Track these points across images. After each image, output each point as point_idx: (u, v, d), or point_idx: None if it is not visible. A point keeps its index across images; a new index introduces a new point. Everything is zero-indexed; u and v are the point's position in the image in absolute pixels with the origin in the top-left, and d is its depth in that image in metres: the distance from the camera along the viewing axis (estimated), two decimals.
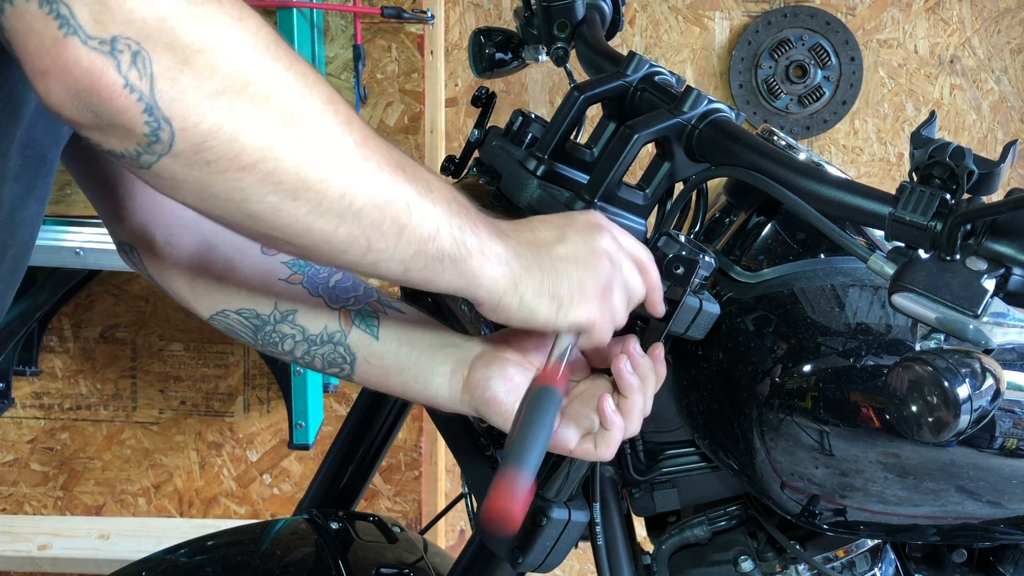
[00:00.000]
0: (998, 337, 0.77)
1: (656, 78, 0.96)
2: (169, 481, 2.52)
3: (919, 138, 0.76)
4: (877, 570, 1.04)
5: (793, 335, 0.90)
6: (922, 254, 0.75)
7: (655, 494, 1.02)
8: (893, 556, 1.08)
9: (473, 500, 1.15)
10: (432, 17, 2.21)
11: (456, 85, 2.34)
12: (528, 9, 1.16)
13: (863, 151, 2.38)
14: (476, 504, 0.97)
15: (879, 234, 0.86)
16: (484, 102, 1.14)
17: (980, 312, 0.70)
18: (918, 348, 0.75)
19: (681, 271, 0.84)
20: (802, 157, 0.90)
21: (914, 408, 0.72)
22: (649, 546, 1.06)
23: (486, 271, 0.74)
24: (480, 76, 1.23)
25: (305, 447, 2.19)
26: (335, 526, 1.14)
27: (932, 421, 0.71)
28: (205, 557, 1.10)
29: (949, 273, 0.72)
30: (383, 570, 1.08)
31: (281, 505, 2.51)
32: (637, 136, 0.86)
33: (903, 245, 0.76)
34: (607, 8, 1.18)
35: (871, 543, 1.04)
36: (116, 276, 2.39)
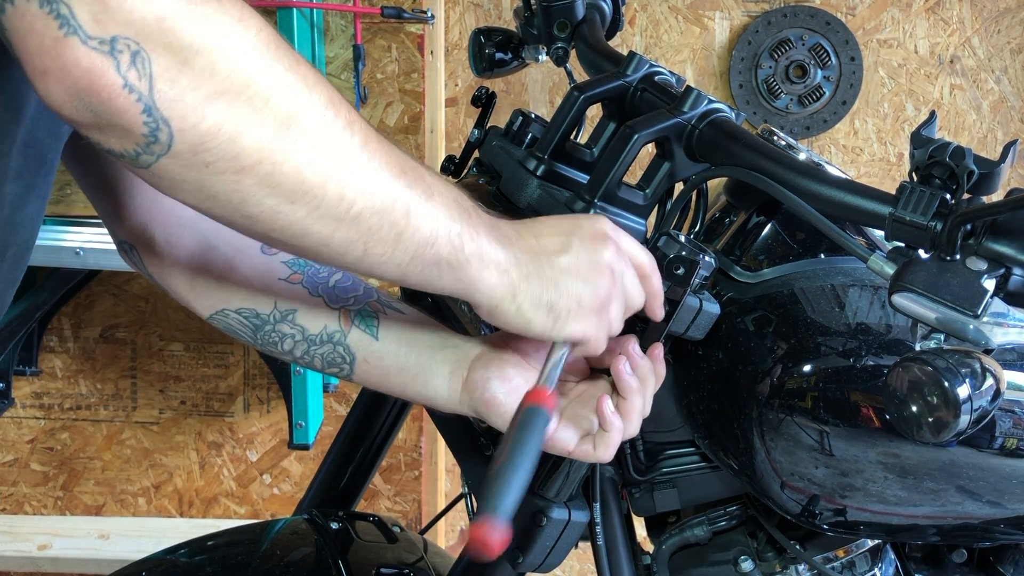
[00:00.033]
0: (998, 337, 0.77)
1: (656, 78, 0.96)
2: (169, 481, 2.52)
3: (919, 138, 0.76)
4: (877, 570, 1.04)
5: (793, 335, 0.90)
6: (922, 254, 0.75)
7: (655, 494, 1.02)
8: (893, 556, 1.08)
9: (473, 500, 1.14)
10: (432, 17, 2.21)
11: (456, 85, 2.34)
12: (528, 9, 1.16)
13: (863, 151, 2.38)
14: (476, 504, 0.96)
15: (879, 234, 0.86)
16: (484, 102, 1.14)
17: (980, 312, 0.70)
18: (918, 348, 0.75)
19: (681, 271, 0.84)
20: (802, 157, 0.90)
21: (914, 408, 0.72)
22: (649, 546, 1.06)
23: (484, 278, 0.74)
24: (480, 76, 1.23)
25: (305, 447, 2.19)
26: (335, 526, 1.14)
27: (932, 421, 0.71)
28: (205, 557, 1.10)
29: (949, 273, 0.72)
30: (383, 570, 1.08)
31: (281, 505, 2.51)
32: (637, 136, 0.86)
33: (903, 245, 0.76)
34: (607, 8, 1.17)
35: (871, 543, 1.04)
36: (116, 276, 2.39)
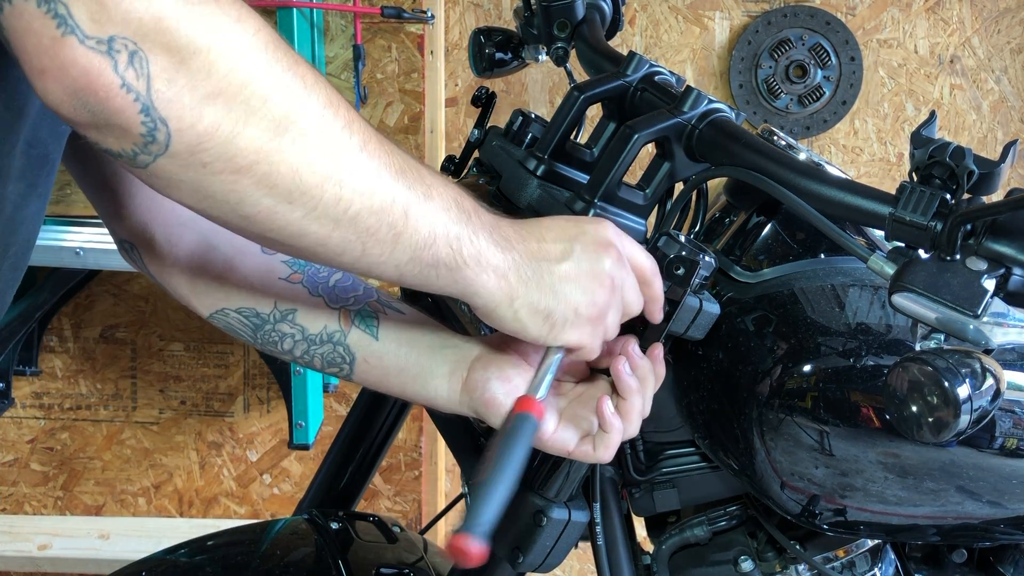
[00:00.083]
0: (998, 337, 0.77)
1: (656, 78, 0.96)
2: (169, 481, 2.52)
3: (919, 138, 0.76)
4: (877, 570, 1.04)
5: (793, 335, 0.90)
6: (922, 254, 0.75)
7: (655, 494, 1.01)
8: (893, 556, 1.08)
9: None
10: (432, 17, 2.21)
11: (456, 85, 2.34)
12: (528, 9, 1.16)
13: (863, 151, 2.38)
14: None
15: (879, 234, 0.86)
16: (484, 102, 1.14)
17: (980, 312, 0.70)
18: (918, 348, 0.75)
19: (681, 271, 0.83)
20: (802, 157, 0.90)
21: (914, 408, 0.72)
22: (649, 546, 1.06)
23: (482, 281, 0.74)
24: (480, 76, 1.23)
25: (305, 447, 2.19)
26: (335, 526, 1.14)
27: (932, 421, 0.71)
28: (205, 557, 1.10)
29: (949, 273, 0.72)
30: (383, 570, 1.08)
31: (281, 505, 2.51)
32: (637, 136, 0.86)
33: (903, 245, 0.76)
34: (607, 8, 1.17)
35: (871, 543, 1.04)
36: (116, 276, 2.39)
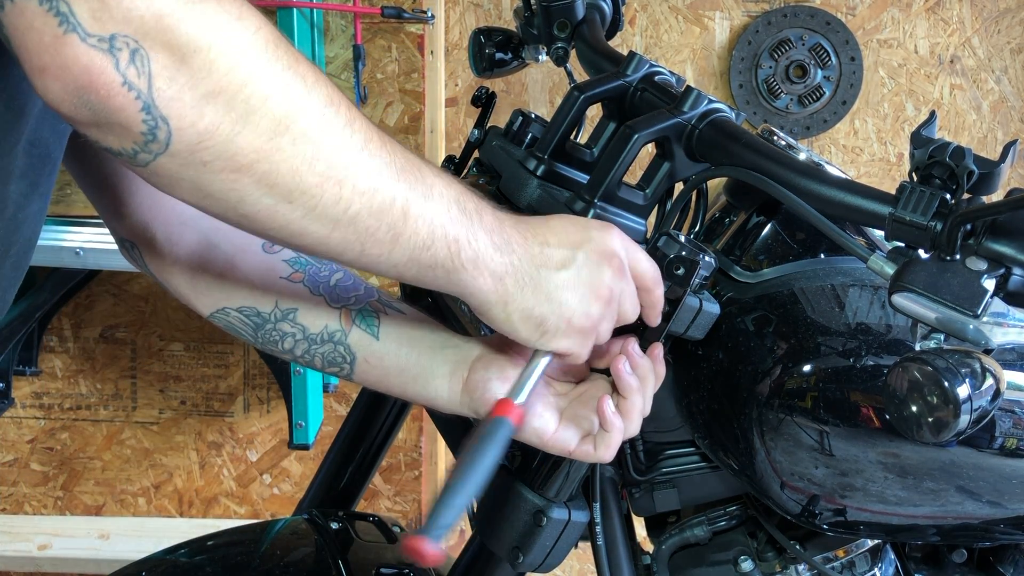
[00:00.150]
0: (998, 337, 0.77)
1: (656, 78, 0.96)
2: (169, 481, 2.52)
3: (919, 138, 0.76)
4: (877, 570, 1.04)
5: (793, 335, 0.90)
6: (922, 254, 0.75)
7: (655, 494, 1.02)
8: (893, 556, 1.08)
9: (473, 500, 1.14)
10: (432, 17, 2.21)
11: (456, 85, 2.34)
12: (528, 9, 1.16)
13: (863, 151, 2.38)
14: (476, 504, 0.96)
15: (879, 234, 0.86)
16: (484, 102, 1.14)
17: (980, 312, 0.70)
18: (918, 348, 0.75)
19: (681, 271, 0.83)
20: (802, 157, 0.90)
21: (914, 408, 0.72)
22: (649, 546, 1.06)
23: (477, 285, 0.74)
24: (480, 76, 1.23)
25: (305, 447, 2.19)
26: (335, 526, 1.14)
27: (932, 421, 0.71)
28: (205, 557, 1.10)
29: (949, 273, 0.72)
30: (383, 570, 1.08)
31: (281, 505, 2.51)
32: (637, 136, 0.86)
33: (903, 245, 0.76)
34: (607, 8, 1.17)
35: (871, 543, 1.04)
36: (116, 276, 2.39)
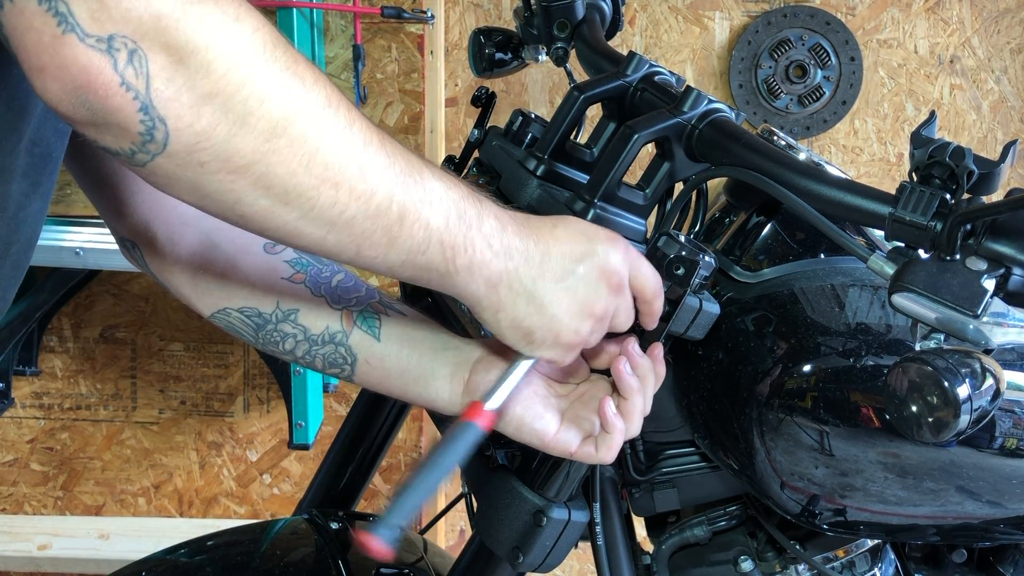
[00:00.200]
0: (998, 337, 0.77)
1: (656, 78, 0.96)
2: (169, 481, 2.52)
3: (919, 138, 0.76)
4: (877, 570, 1.04)
5: (793, 335, 0.90)
6: (922, 254, 0.74)
7: (655, 494, 1.02)
8: (893, 556, 1.08)
9: (473, 500, 1.14)
10: (432, 17, 2.21)
11: (456, 85, 2.34)
12: (528, 9, 1.16)
13: (863, 151, 2.38)
14: (476, 504, 0.97)
15: (879, 234, 0.86)
16: (484, 102, 1.14)
17: (980, 312, 0.70)
18: (918, 348, 0.75)
19: (681, 271, 0.83)
20: (802, 157, 0.90)
21: (914, 408, 0.72)
22: (649, 546, 1.06)
23: (471, 290, 0.75)
24: (480, 76, 1.23)
25: (305, 447, 2.19)
26: (335, 526, 1.14)
27: (932, 421, 0.71)
28: (205, 557, 1.10)
29: (949, 273, 0.71)
30: (383, 570, 1.08)
31: (281, 505, 2.51)
32: (637, 136, 0.86)
33: (903, 245, 0.76)
34: (607, 8, 1.17)
35: (871, 543, 1.04)
36: (116, 276, 2.39)
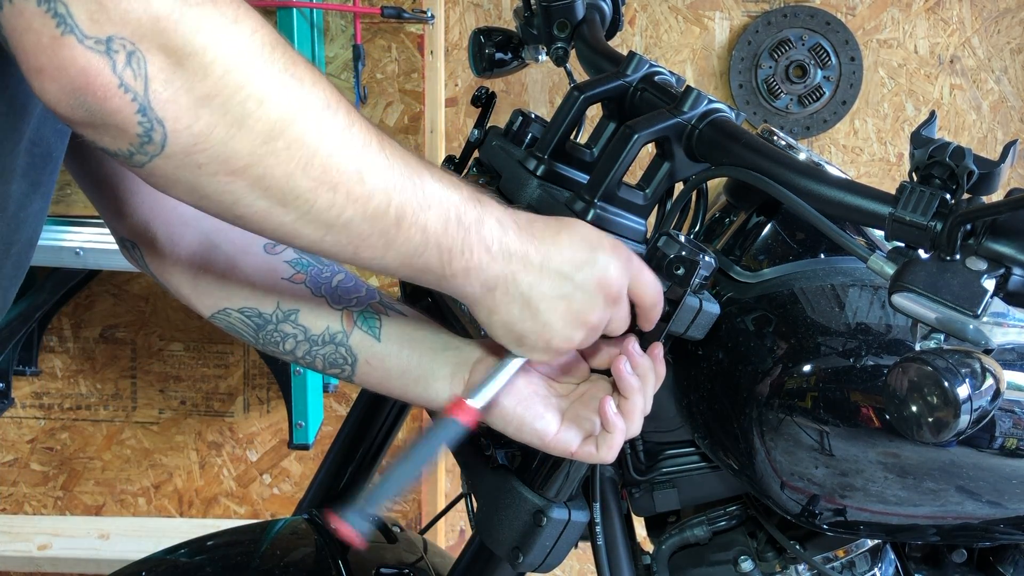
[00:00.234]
0: (998, 337, 0.77)
1: (656, 78, 0.96)
2: (169, 481, 2.52)
3: (919, 138, 0.76)
4: (877, 570, 1.04)
5: (793, 335, 0.90)
6: (922, 254, 0.74)
7: (655, 494, 1.02)
8: (893, 556, 1.08)
9: (473, 500, 1.14)
10: (432, 17, 2.21)
11: (456, 85, 2.34)
12: (528, 9, 1.16)
13: (863, 151, 2.38)
14: (476, 504, 0.97)
15: (879, 234, 0.86)
16: (484, 102, 1.14)
17: (980, 312, 0.70)
18: (918, 348, 0.75)
19: (681, 271, 0.83)
20: (802, 157, 0.90)
21: (914, 408, 0.72)
22: (649, 546, 1.06)
23: (466, 292, 0.76)
24: (480, 76, 1.23)
25: (305, 447, 2.19)
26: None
27: (932, 421, 0.71)
28: (205, 557, 1.10)
29: (949, 273, 0.71)
30: (383, 570, 1.08)
31: (281, 505, 2.51)
32: (637, 136, 0.86)
33: (903, 245, 0.76)
34: (607, 8, 1.17)
35: (871, 543, 1.04)
36: (116, 276, 2.39)
